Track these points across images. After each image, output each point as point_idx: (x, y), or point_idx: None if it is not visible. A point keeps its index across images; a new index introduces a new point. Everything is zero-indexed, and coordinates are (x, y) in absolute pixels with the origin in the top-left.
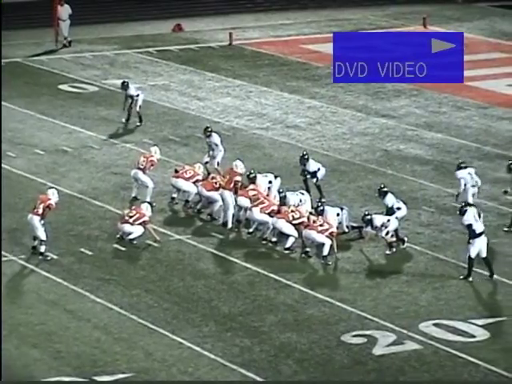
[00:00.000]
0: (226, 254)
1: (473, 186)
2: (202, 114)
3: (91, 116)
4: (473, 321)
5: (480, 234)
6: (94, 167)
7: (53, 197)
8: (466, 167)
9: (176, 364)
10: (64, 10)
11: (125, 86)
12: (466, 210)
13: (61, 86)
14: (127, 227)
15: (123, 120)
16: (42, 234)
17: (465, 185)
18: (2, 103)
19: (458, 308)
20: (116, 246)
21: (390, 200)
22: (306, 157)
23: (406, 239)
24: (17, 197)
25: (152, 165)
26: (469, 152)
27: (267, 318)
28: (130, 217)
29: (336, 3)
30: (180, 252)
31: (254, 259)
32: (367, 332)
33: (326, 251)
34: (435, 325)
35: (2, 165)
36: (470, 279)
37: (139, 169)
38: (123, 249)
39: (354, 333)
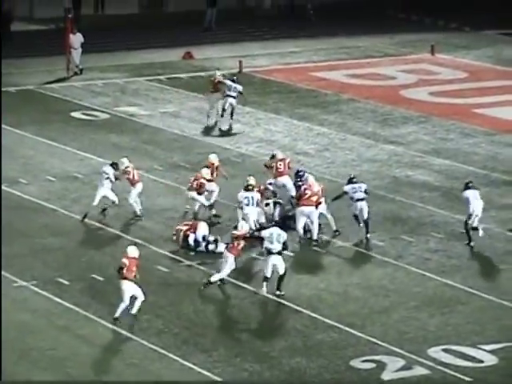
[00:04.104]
0: (235, 280)
1: (476, 206)
2: (212, 140)
3: (102, 143)
4: (481, 346)
5: None
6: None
7: (135, 253)
8: (471, 188)
9: None
10: (76, 39)
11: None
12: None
13: (72, 113)
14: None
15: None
16: (140, 295)
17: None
18: (14, 130)
19: (466, 333)
20: None
21: None
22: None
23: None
24: (28, 223)
25: (200, 186)
26: (476, 178)
27: (277, 343)
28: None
29: (344, 31)
30: (190, 277)
31: (260, 284)
32: (376, 357)
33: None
34: (444, 350)
35: (14, 191)
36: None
37: (191, 190)
38: None
39: (363, 358)
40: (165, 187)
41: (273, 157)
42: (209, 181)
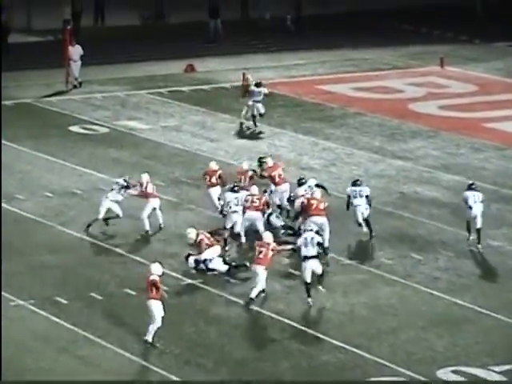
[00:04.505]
0: (238, 299)
1: (478, 208)
2: (215, 155)
3: (102, 158)
4: (491, 367)
5: None
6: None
7: (160, 270)
8: (474, 189)
9: None
10: (75, 51)
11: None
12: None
13: (71, 128)
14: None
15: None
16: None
17: (468, 206)
18: (11, 144)
19: (476, 354)
20: (127, 290)
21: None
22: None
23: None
24: (25, 240)
25: None
26: (486, 194)
27: (281, 364)
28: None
29: (351, 43)
30: (192, 297)
31: (268, 304)
32: (383, 379)
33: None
34: (453, 371)
35: (11, 207)
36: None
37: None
38: (134, 293)
39: (370, 379)
40: (166, 203)
41: (261, 164)
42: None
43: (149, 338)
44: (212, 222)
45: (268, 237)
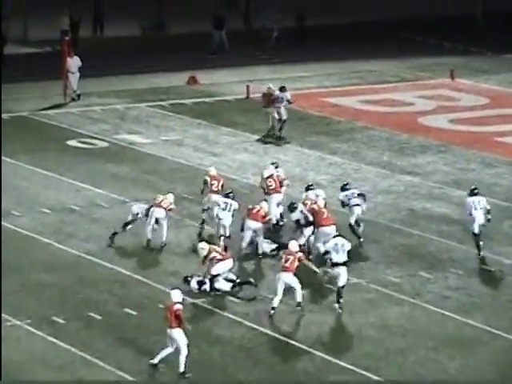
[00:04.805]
0: (242, 319)
1: (477, 216)
2: (218, 170)
3: (100, 173)
4: None
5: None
6: (104, 227)
7: (178, 299)
8: (476, 194)
9: None
10: (73, 62)
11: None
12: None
13: (69, 142)
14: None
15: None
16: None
17: (470, 214)
18: (7, 159)
19: (488, 375)
20: (127, 310)
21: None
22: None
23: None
24: (21, 258)
25: None
26: (499, 211)
27: None
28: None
29: (357, 54)
30: (195, 316)
31: (273, 324)
32: None
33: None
34: None
35: (6, 224)
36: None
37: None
38: (134, 313)
39: None
40: (168, 220)
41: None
42: (216, 192)
43: (181, 368)
44: (214, 240)
45: (294, 246)
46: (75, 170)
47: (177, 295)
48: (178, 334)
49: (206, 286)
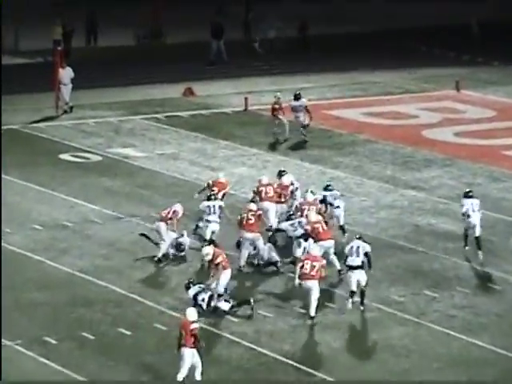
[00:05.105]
0: (240, 339)
1: (476, 216)
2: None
3: (94, 188)
4: None
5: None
6: (97, 244)
7: (194, 317)
8: (471, 197)
9: None
10: (66, 73)
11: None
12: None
13: (61, 156)
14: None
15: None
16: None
17: (464, 214)
18: None
19: None
20: (121, 329)
21: None
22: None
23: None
24: (12, 276)
25: None
26: (506, 227)
27: None
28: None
29: (360, 65)
30: None
31: (271, 344)
32: None
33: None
34: None
35: None
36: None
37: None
38: (128, 333)
39: None
40: None
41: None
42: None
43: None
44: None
45: (317, 250)
46: (68, 184)
47: (192, 314)
48: (191, 353)
49: (203, 303)
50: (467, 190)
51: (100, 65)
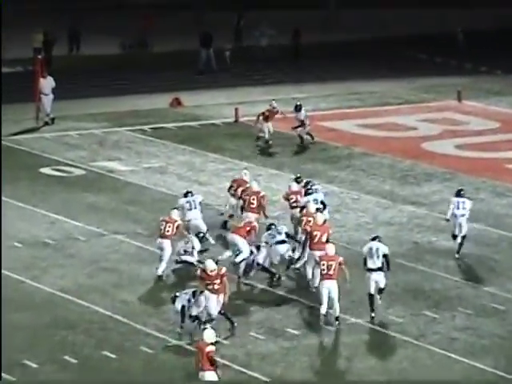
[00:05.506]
0: (231, 363)
1: (462, 215)
2: (204, 200)
3: (77, 203)
4: None
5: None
6: (80, 262)
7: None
8: (462, 196)
9: None
10: (47, 83)
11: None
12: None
13: (42, 170)
14: None
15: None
16: None
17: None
18: None
19: None
20: (105, 352)
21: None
22: None
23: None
24: None
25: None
26: (510, 244)
27: None
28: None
29: (356, 74)
30: (179, 360)
31: (263, 368)
32: None
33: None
34: None
35: None
36: None
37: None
38: (113, 356)
39: None
40: (150, 255)
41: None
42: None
43: None
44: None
45: (332, 249)
46: (49, 200)
47: (210, 336)
48: (211, 376)
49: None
50: (459, 188)
51: (83, 74)
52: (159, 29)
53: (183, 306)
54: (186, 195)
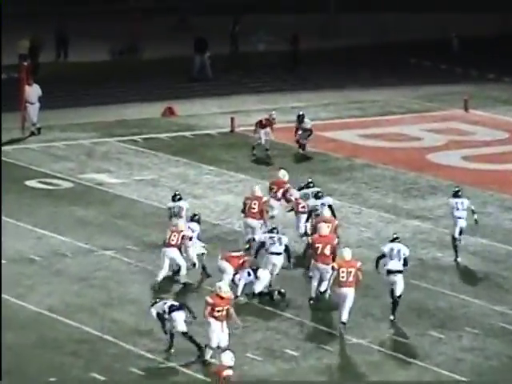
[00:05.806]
0: None
1: (459, 217)
2: (200, 213)
3: (64, 218)
4: None
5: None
6: (68, 279)
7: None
8: (460, 196)
9: None
10: (33, 91)
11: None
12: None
13: (28, 182)
14: None
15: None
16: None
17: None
18: None
19: None
20: (94, 374)
21: None
22: None
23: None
24: None
25: None
26: None
27: None
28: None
29: (358, 82)
30: (171, 381)
31: None
32: None
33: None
34: None
35: None
36: None
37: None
38: (102, 378)
39: None
40: (140, 271)
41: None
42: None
43: None
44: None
45: (349, 253)
46: (35, 214)
47: (229, 358)
48: None
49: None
50: (456, 189)
51: (71, 82)
52: (147, 33)
53: (158, 313)
54: (173, 199)
